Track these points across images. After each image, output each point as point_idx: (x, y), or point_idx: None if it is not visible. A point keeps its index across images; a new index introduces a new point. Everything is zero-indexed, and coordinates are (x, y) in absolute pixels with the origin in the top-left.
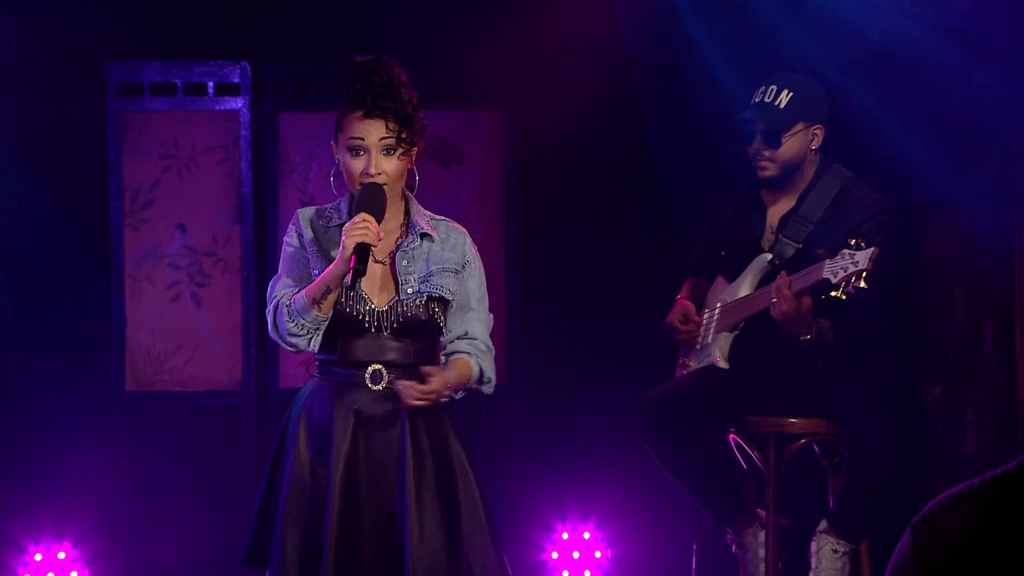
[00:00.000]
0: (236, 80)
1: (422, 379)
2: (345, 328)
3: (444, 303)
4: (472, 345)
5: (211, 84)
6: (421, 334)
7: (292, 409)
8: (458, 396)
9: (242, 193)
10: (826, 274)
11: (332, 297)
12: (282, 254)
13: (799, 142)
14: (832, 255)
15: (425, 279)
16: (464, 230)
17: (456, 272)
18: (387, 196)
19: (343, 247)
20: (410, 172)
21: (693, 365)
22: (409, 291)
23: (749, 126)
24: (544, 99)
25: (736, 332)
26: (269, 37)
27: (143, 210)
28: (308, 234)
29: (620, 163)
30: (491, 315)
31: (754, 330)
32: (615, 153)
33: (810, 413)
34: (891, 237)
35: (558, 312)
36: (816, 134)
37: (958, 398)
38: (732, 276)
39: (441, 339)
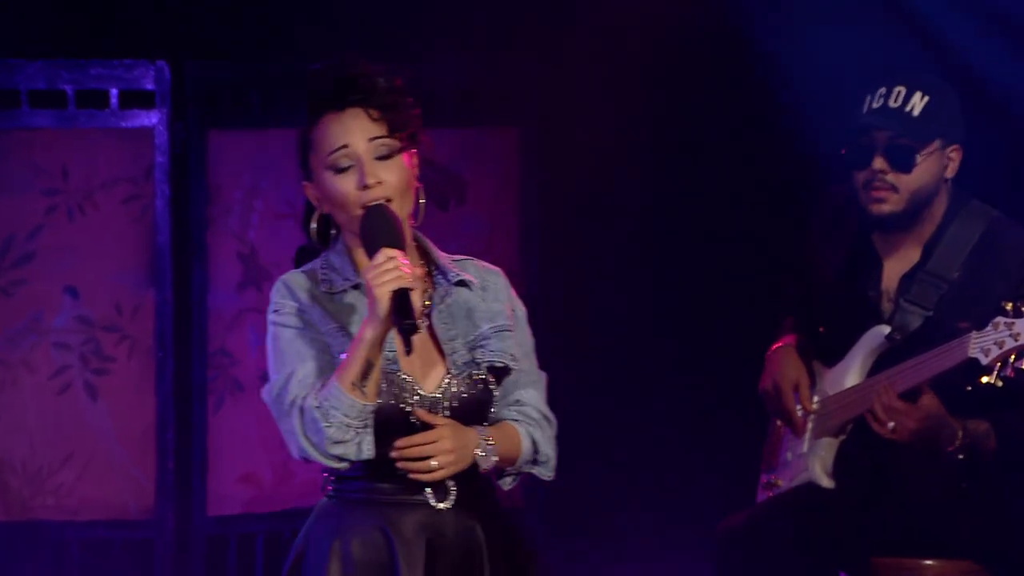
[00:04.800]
0: (149, 86)
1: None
2: (386, 426)
3: (502, 374)
4: (521, 412)
5: (114, 91)
6: (480, 419)
7: (306, 551)
8: (507, 484)
9: (157, 244)
10: (973, 352)
11: (377, 375)
12: (277, 344)
13: (933, 167)
14: (979, 326)
15: (478, 344)
16: (496, 268)
17: (511, 330)
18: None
19: (373, 300)
20: (416, 191)
21: (782, 484)
22: (460, 363)
23: (862, 141)
24: (573, 113)
25: (842, 438)
26: (195, 28)
27: (17, 268)
28: (312, 308)
29: (670, 198)
30: (543, 374)
31: (867, 435)
32: (667, 184)
33: (952, 553)
34: None
35: (588, 400)
36: (952, 158)
37: None
38: (832, 359)
39: None
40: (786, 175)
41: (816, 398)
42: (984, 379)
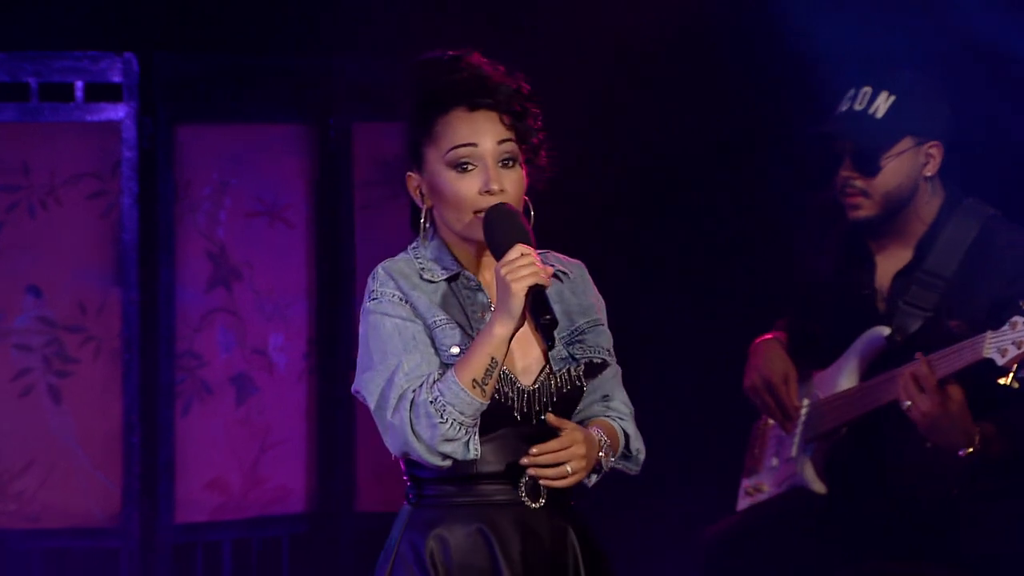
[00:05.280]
0: (117, 79)
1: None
2: (484, 422)
3: (596, 369)
4: (611, 408)
5: (79, 84)
6: (570, 415)
7: (399, 559)
8: (592, 480)
9: (123, 241)
10: (988, 352)
11: (497, 373)
12: (377, 333)
13: (905, 166)
14: (975, 326)
15: (575, 339)
16: (578, 261)
17: (602, 324)
18: None
19: (509, 296)
20: (525, 205)
21: (767, 490)
22: (558, 357)
23: (829, 148)
24: (556, 103)
25: (835, 441)
26: (164, 20)
27: None
28: (417, 297)
29: (653, 200)
30: (619, 367)
31: (863, 438)
32: (649, 187)
33: (953, 560)
34: None
35: None
36: (931, 155)
37: None
38: (825, 360)
39: None
40: (776, 175)
41: (806, 400)
42: (1001, 381)
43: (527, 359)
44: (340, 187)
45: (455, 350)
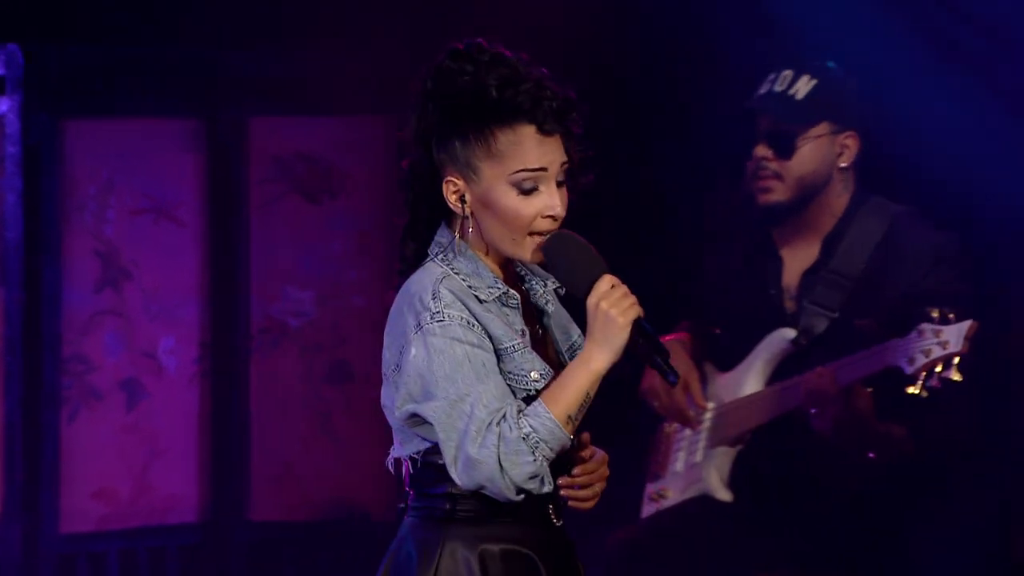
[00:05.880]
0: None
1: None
2: None
3: None
4: None
5: None
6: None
7: (439, 571)
8: None
9: (6, 240)
10: (896, 361)
11: (586, 407)
12: (446, 358)
13: (820, 152)
14: (882, 326)
15: (572, 354)
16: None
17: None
18: None
19: (616, 329)
20: None
21: (671, 496)
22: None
23: (746, 129)
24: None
25: (739, 448)
26: (51, 10)
27: None
28: (492, 321)
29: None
30: None
31: (768, 444)
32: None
33: (863, 570)
34: (971, 300)
35: None
36: (847, 145)
37: None
38: (729, 362)
39: None
40: (677, 174)
41: (710, 404)
42: (910, 389)
43: (542, 370)
44: (234, 184)
45: (535, 375)
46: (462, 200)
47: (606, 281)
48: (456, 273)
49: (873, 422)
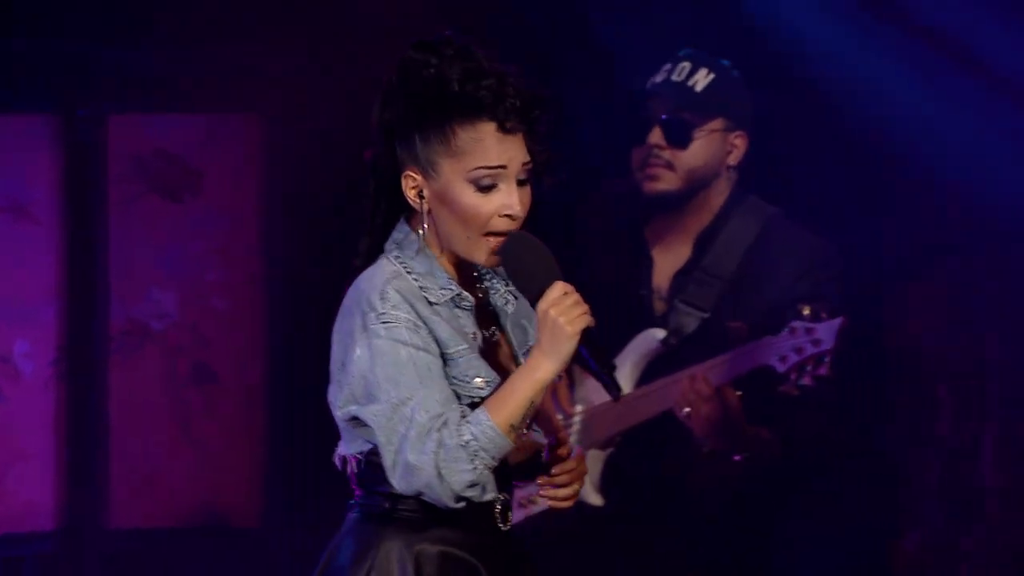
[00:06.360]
0: None
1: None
2: None
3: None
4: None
5: None
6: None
7: (373, 569)
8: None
9: None
10: (768, 359)
11: (531, 416)
12: (389, 360)
13: (713, 147)
14: (754, 328)
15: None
16: None
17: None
18: None
19: (563, 338)
20: None
21: (542, 502)
22: None
23: (640, 115)
24: (330, 97)
25: (610, 451)
26: None
27: None
28: (438, 324)
29: None
30: None
31: (640, 448)
32: None
33: (735, 572)
34: (842, 302)
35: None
36: (736, 144)
37: (946, 550)
38: None
39: None
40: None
41: (579, 407)
42: (782, 388)
43: (499, 375)
44: (92, 182)
45: (479, 381)
46: (420, 196)
47: (558, 288)
48: (409, 272)
49: (742, 424)
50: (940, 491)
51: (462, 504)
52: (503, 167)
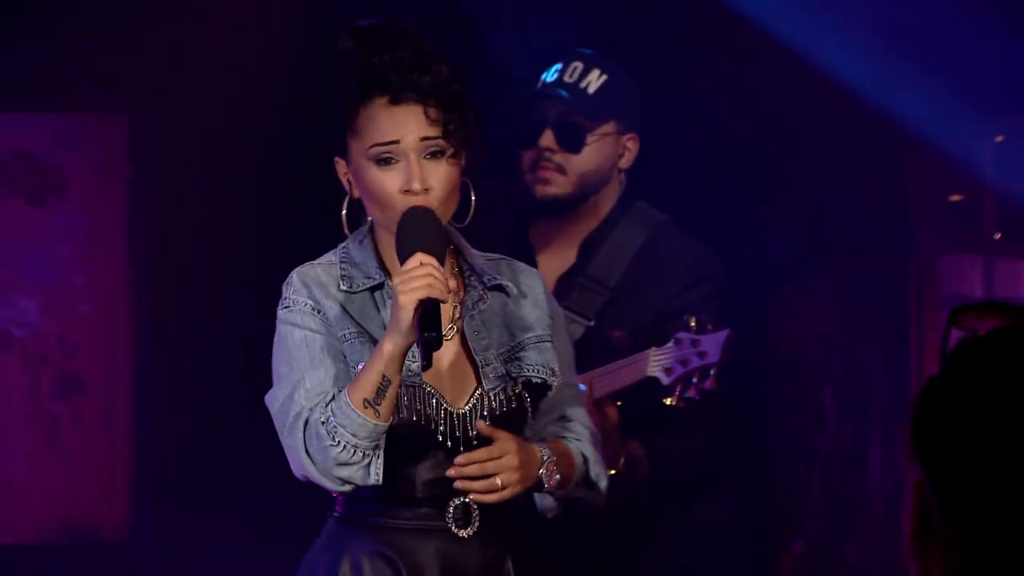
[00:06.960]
0: None
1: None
2: (407, 444)
3: (541, 389)
4: (568, 428)
5: None
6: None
7: None
8: (552, 510)
9: None
10: (652, 371)
11: (393, 392)
12: (284, 345)
13: (605, 151)
14: (638, 338)
15: (512, 356)
16: (533, 270)
17: (551, 340)
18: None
19: (397, 308)
20: (463, 188)
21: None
22: (493, 376)
23: (530, 117)
24: (198, 96)
25: None
26: None
27: None
28: (330, 307)
29: (310, 197)
30: (583, 385)
31: None
32: (306, 182)
33: None
34: (726, 314)
35: (213, 442)
36: (628, 148)
37: (829, 560)
38: None
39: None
40: None
41: None
42: (667, 401)
43: (460, 379)
44: None
45: (361, 367)
46: (349, 181)
47: (413, 259)
48: (344, 261)
49: (617, 438)
50: (824, 498)
51: (348, 487)
52: (395, 142)
